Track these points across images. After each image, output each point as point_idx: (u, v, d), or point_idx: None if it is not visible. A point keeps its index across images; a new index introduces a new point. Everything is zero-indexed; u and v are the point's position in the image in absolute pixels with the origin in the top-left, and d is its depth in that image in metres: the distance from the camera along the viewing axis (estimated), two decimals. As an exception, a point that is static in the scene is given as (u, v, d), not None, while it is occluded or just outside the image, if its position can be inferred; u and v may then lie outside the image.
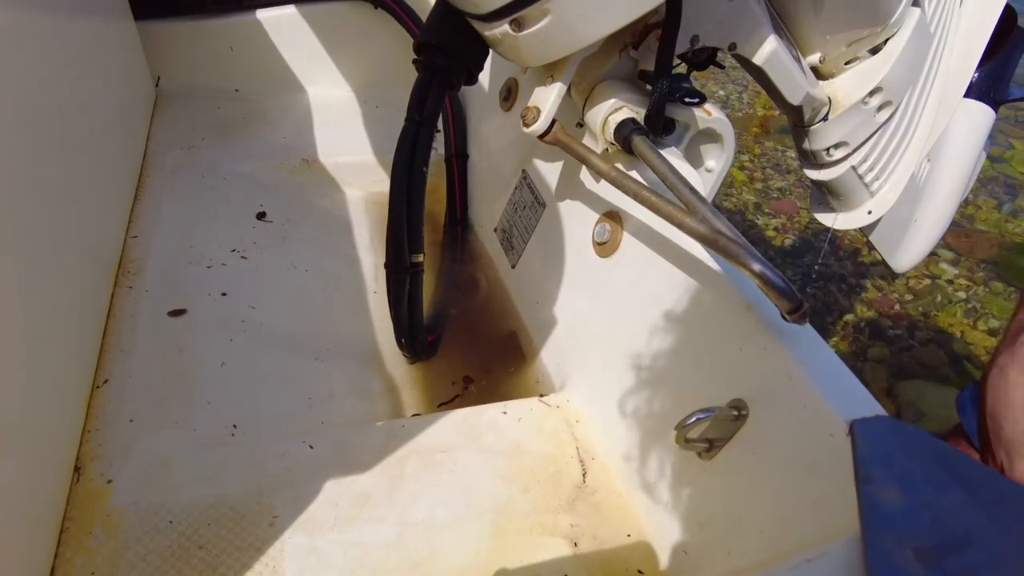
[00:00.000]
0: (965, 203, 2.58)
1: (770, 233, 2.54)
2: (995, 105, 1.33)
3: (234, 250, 0.99)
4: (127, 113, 1.15)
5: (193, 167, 1.14)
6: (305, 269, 1.00)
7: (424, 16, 1.30)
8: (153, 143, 1.19)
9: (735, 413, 0.60)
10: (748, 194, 2.74)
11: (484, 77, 1.17)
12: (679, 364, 0.69)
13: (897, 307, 2.19)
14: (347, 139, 1.28)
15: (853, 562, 0.45)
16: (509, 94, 1.06)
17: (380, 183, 1.23)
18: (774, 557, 0.53)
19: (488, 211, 1.12)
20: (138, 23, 1.26)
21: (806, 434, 0.54)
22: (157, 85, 1.34)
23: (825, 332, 2.09)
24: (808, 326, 0.59)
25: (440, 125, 1.20)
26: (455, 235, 1.14)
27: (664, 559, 0.67)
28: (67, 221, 0.77)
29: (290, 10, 1.34)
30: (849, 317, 2.16)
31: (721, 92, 3.38)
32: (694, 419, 0.60)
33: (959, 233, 2.53)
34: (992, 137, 1.41)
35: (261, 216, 1.07)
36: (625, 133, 0.72)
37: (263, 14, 1.34)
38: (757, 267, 0.53)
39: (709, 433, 0.62)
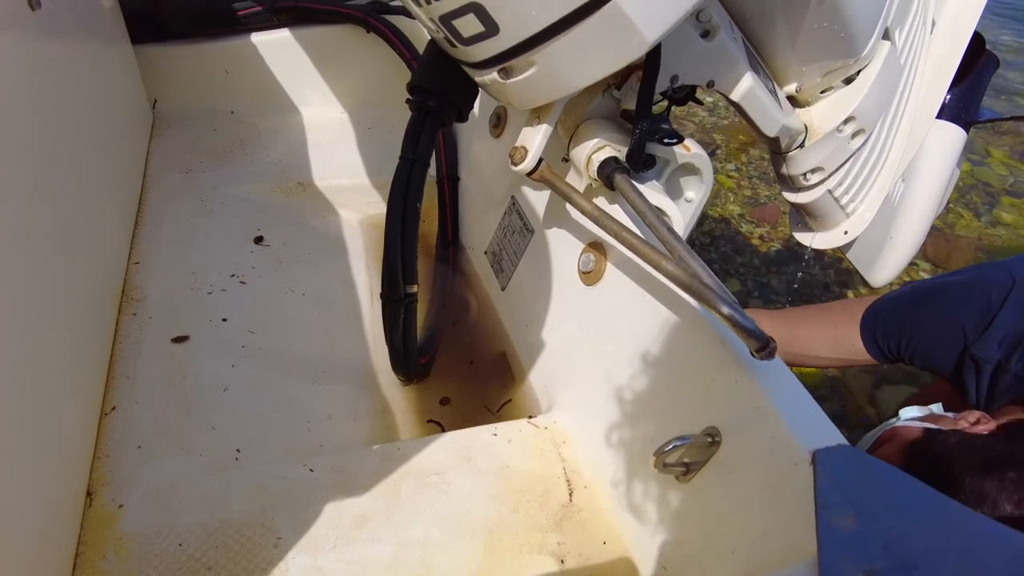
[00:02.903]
0: (945, 211, 2.64)
1: (755, 241, 2.59)
2: (967, 126, 1.39)
3: (233, 275, 1.03)
4: (126, 136, 1.18)
5: (191, 191, 1.18)
6: (302, 293, 1.04)
7: (415, 39, 1.34)
8: (151, 167, 1.22)
9: (709, 440, 0.64)
10: (734, 204, 2.79)
11: (475, 103, 1.21)
12: (659, 391, 0.73)
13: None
14: (341, 161, 1.32)
15: (811, 584, 0.49)
16: (499, 121, 1.10)
17: (374, 204, 1.27)
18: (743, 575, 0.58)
19: (479, 233, 1.16)
20: (135, 47, 1.29)
21: (773, 462, 0.58)
22: (154, 108, 1.37)
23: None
24: (778, 360, 0.63)
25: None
26: (447, 256, 1.18)
27: (645, 574, 0.71)
28: (72, 248, 0.81)
29: (284, 33, 1.38)
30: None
31: (709, 99, 3.43)
32: (671, 446, 0.65)
33: (939, 238, 2.59)
34: (964, 154, 1.46)
35: (258, 240, 1.11)
36: (608, 171, 0.76)
37: (257, 37, 1.37)
38: (726, 310, 0.57)
39: (686, 458, 0.66)
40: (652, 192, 0.83)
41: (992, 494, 0.71)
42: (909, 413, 0.94)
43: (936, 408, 0.95)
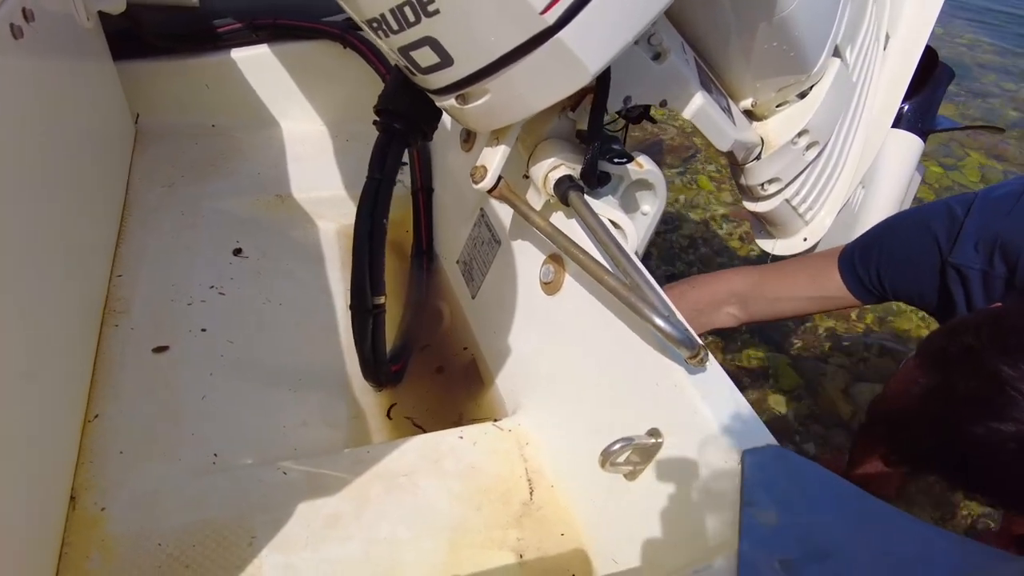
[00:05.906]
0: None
1: (735, 243, 2.64)
2: (923, 135, 1.44)
3: (212, 286, 1.07)
4: (108, 151, 1.22)
5: (173, 205, 1.22)
6: (279, 303, 1.08)
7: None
8: (134, 181, 1.26)
9: (652, 441, 0.69)
10: (716, 204, 2.84)
11: (447, 117, 1.26)
12: (610, 394, 0.78)
13: (853, 315, 2.30)
14: (319, 173, 1.36)
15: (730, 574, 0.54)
16: (468, 136, 1.14)
17: (351, 215, 1.29)
18: (680, 567, 0.63)
19: (451, 243, 1.20)
20: (117, 63, 1.33)
21: (707, 461, 0.63)
22: (136, 122, 1.41)
23: (786, 339, 2.20)
24: (714, 364, 0.68)
25: (406, 158, 1.28)
26: (421, 265, 1.22)
27: (598, 566, 0.76)
28: (56, 261, 0.85)
29: (263, 49, 1.42)
30: (808, 325, 2.26)
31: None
32: (617, 446, 0.69)
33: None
34: (921, 162, 1.51)
35: (237, 252, 1.15)
36: (563, 189, 0.81)
37: (237, 53, 1.41)
38: (659, 322, 0.62)
39: (633, 457, 0.71)
40: (607, 207, 0.87)
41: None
42: None
43: None
